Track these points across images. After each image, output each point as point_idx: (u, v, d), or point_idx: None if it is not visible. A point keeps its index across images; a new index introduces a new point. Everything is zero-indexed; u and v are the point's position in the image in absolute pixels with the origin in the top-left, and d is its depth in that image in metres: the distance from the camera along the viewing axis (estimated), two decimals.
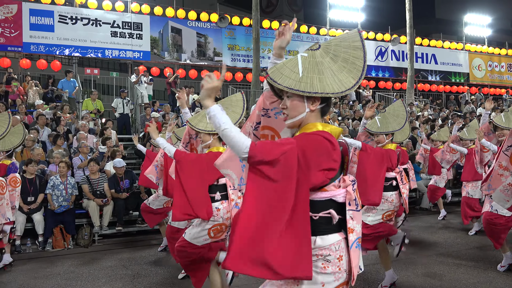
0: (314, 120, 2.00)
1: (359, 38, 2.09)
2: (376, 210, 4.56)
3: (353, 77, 1.98)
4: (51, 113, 10.89)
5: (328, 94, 1.91)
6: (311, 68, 1.97)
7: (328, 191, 1.93)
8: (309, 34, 19.30)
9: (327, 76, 1.95)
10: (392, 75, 20.82)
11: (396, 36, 20.49)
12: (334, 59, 2.02)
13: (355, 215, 1.97)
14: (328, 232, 1.94)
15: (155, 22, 16.19)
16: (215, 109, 1.92)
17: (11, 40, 13.86)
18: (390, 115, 4.86)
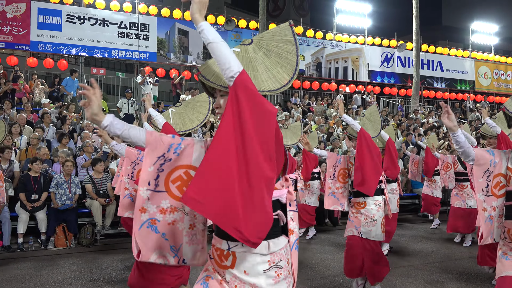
0: None
1: (291, 31, 1.99)
2: (375, 221, 4.31)
3: (287, 73, 1.89)
4: (57, 112, 10.95)
5: (264, 92, 1.80)
6: (244, 64, 1.85)
7: (277, 190, 1.82)
8: (315, 38, 19.32)
9: (261, 72, 1.85)
10: (398, 82, 20.78)
11: (403, 42, 20.47)
12: (267, 54, 1.93)
13: (295, 216, 1.88)
14: (277, 235, 1.81)
15: (162, 23, 16.26)
16: (205, 24, 1.81)
17: (18, 38, 13.96)
18: (368, 120, 4.74)
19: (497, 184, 2.84)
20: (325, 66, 19.45)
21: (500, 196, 2.83)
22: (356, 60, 19.96)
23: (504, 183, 2.80)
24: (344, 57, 19.82)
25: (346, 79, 19.74)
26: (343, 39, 19.81)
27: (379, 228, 4.32)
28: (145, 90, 13.19)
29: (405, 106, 18.89)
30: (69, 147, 8.71)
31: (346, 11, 20.36)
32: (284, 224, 1.84)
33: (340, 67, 19.74)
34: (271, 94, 1.85)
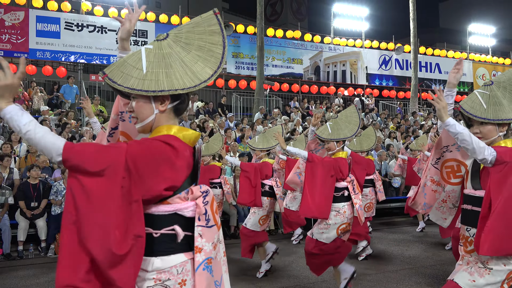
0: (166, 122, 1.75)
1: (216, 20, 1.83)
2: (329, 225, 4.26)
3: (210, 67, 1.74)
4: (56, 119, 10.95)
5: (177, 91, 1.66)
6: (157, 61, 1.71)
7: (171, 204, 1.67)
8: (313, 42, 19.37)
9: (176, 69, 1.70)
10: (396, 84, 20.83)
11: (400, 45, 20.54)
12: (186, 48, 1.77)
13: (205, 232, 1.69)
14: (171, 251, 1.66)
15: (160, 29, 16.29)
16: (11, 110, 1.55)
17: (17, 46, 13.99)
18: (342, 121, 4.61)
19: (451, 168, 2.79)
20: (324, 69, 19.50)
21: (452, 184, 2.81)
22: (354, 63, 20.01)
23: (462, 174, 2.74)
24: (342, 61, 19.87)
25: (345, 82, 19.78)
26: (341, 43, 19.87)
27: (333, 232, 4.27)
28: None
29: (404, 109, 18.92)
30: None
31: (343, 14, 20.45)
32: (190, 240, 1.69)
33: (338, 71, 19.79)
34: (187, 91, 1.70)
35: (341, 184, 4.35)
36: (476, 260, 2.49)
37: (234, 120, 13.15)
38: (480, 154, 2.38)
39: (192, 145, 1.77)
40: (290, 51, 18.84)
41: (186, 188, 1.71)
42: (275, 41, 18.45)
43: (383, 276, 5.50)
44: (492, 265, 2.41)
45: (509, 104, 2.60)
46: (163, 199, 1.66)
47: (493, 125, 2.56)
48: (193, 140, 1.77)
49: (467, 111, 2.62)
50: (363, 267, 5.89)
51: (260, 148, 5.81)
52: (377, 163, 10.47)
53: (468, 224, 2.57)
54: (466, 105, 2.65)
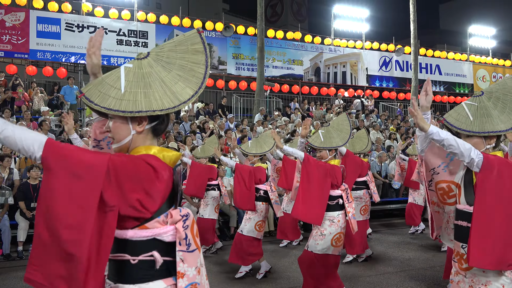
0: (143, 143, 1.70)
1: (200, 39, 1.79)
2: (324, 235, 4.16)
3: (191, 87, 1.71)
4: (56, 120, 10.96)
5: (155, 112, 1.61)
6: (136, 81, 1.66)
7: (150, 229, 1.61)
8: (313, 43, 19.39)
9: (155, 89, 1.66)
10: (396, 85, 20.84)
11: (401, 46, 20.55)
12: (167, 68, 1.73)
13: (186, 257, 1.65)
14: (150, 278, 1.61)
15: (160, 30, 16.32)
16: None
17: (18, 47, 14.00)
18: (334, 129, 4.56)
19: (442, 190, 2.67)
20: (324, 71, 19.51)
21: (448, 204, 2.68)
22: (354, 64, 20.02)
23: (455, 193, 2.61)
24: (342, 62, 19.88)
25: (345, 84, 19.79)
26: (341, 44, 19.88)
27: (328, 243, 4.16)
28: None
29: (404, 110, 18.92)
30: None
31: (344, 16, 20.47)
32: (171, 266, 1.65)
33: (338, 72, 19.80)
34: (165, 113, 1.66)
35: (335, 192, 4.28)
36: (472, 278, 2.42)
37: (234, 121, 13.16)
38: (467, 156, 2.33)
39: (172, 165, 1.71)
40: (291, 52, 18.85)
41: (165, 211, 1.66)
42: (275, 42, 18.46)
43: (383, 277, 5.50)
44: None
45: (500, 114, 2.52)
46: (141, 223, 1.60)
47: (479, 138, 2.49)
48: (173, 161, 1.71)
49: (452, 124, 2.55)
50: (362, 269, 5.90)
51: (253, 153, 5.76)
52: (377, 164, 10.47)
53: (464, 241, 2.45)
54: (451, 118, 2.59)
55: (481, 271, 2.40)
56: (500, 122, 2.49)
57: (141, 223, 1.60)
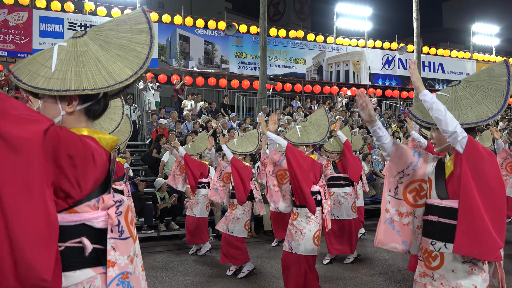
0: (76, 125, 1.59)
1: (145, 19, 1.72)
2: (304, 234, 4.01)
3: (131, 68, 1.63)
4: None
5: (85, 91, 1.53)
6: (67, 60, 1.59)
7: (79, 213, 1.50)
8: (316, 42, 19.36)
9: (88, 68, 1.59)
10: (399, 84, 20.79)
11: (403, 45, 20.50)
12: (104, 47, 1.65)
13: (118, 245, 1.55)
14: (77, 266, 1.51)
15: (163, 29, 16.33)
16: None
17: (21, 46, 14.04)
18: (312, 124, 4.46)
19: (415, 191, 2.49)
20: (326, 69, 19.48)
21: (420, 206, 2.49)
22: (357, 63, 19.98)
23: (426, 192, 2.46)
24: (345, 60, 19.84)
25: (348, 82, 19.76)
26: (344, 43, 19.85)
27: (309, 242, 4.03)
28: (147, 96, 13.23)
29: (407, 108, 18.87)
30: None
31: (346, 14, 20.43)
32: (101, 254, 1.55)
33: (341, 70, 19.76)
34: (98, 92, 1.57)
35: (314, 188, 4.14)
36: (441, 280, 2.28)
37: (237, 120, 13.15)
38: (452, 126, 2.20)
39: (109, 150, 1.63)
40: (293, 51, 18.83)
41: (97, 196, 1.55)
42: (278, 41, 18.45)
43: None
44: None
45: (479, 104, 2.38)
46: (70, 207, 1.49)
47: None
48: (110, 145, 1.62)
49: (416, 116, 2.45)
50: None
51: (239, 152, 5.73)
52: (380, 163, 10.45)
53: (434, 237, 2.34)
54: (417, 111, 2.48)
55: (450, 271, 2.26)
56: (472, 114, 2.36)
57: (69, 206, 1.49)
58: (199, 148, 6.87)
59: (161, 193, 8.10)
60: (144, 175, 10.16)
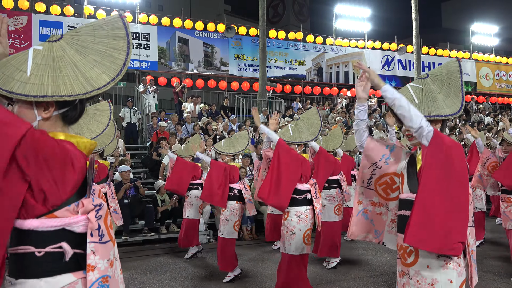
0: (52, 129, 1.58)
1: (122, 24, 1.70)
2: (294, 234, 4.03)
3: (108, 74, 1.62)
4: None
5: (62, 97, 1.53)
6: (44, 64, 1.57)
7: (59, 218, 1.50)
8: (315, 43, 19.38)
9: (66, 74, 1.57)
10: (399, 84, 20.76)
11: (403, 45, 20.52)
12: (81, 52, 1.64)
13: (98, 249, 1.55)
14: (58, 272, 1.51)
15: (162, 32, 16.36)
16: None
17: (21, 51, 14.02)
18: (304, 123, 4.45)
19: (385, 183, 2.49)
20: (326, 70, 19.50)
21: (393, 199, 2.49)
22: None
23: (399, 185, 2.43)
24: (344, 62, 19.86)
25: (347, 83, 19.77)
26: (343, 44, 19.87)
27: (300, 241, 4.05)
28: (147, 99, 13.25)
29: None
30: None
31: (345, 15, 20.46)
32: (81, 258, 1.55)
33: (341, 72, 19.78)
34: (75, 98, 1.57)
35: (304, 186, 4.15)
36: (416, 277, 2.24)
37: (237, 122, 13.16)
38: (417, 122, 2.16)
39: (87, 153, 1.63)
40: (293, 53, 18.86)
41: (76, 200, 1.56)
42: (277, 42, 18.47)
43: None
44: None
45: (445, 98, 2.40)
46: (50, 211, 1.49)
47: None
48: (88, 149, 1.63)
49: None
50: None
51: (226, 152, 5.74)
52: None
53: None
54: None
55: (425, 267, 2.21)
56: (446, 107, 2.37)
57: (49, 211, 1.49)
58: (191, 150, 6.87)
59: (161, 195, 8.10)
60: (145, 177, 10.17)
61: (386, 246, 2.55)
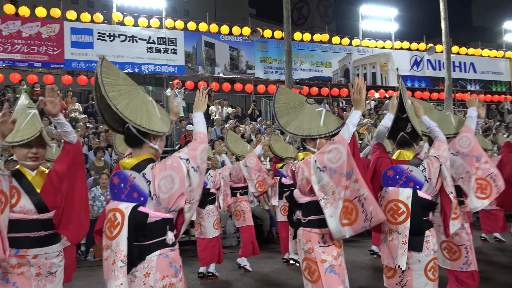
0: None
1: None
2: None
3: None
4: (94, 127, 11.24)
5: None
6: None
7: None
8: (341, 45, 19.20)
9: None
10: (429, 85, 20.33)
11: (432, 45, 20.05)
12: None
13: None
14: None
15: (189, 37, 16.55)
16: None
17: (54, 57, 14.50)
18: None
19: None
20: (353, 72, 19.26)
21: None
22: (384, 65, 19.68)
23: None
24: (372, 63, 19.58)
25: (375, 85, 19.47)
26: (370, 45, 19.60)
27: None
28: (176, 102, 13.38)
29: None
30: (104, 160, 8.92)
31: (371, 16, 20.18)
32: None
33: (368, 73, 19.51)
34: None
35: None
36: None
37: (264, 125, 13.15)
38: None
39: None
40: (319, 55, 18.73)
41: None
42: (302, 44, 18.39)
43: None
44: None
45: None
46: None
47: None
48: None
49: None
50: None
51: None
52: None
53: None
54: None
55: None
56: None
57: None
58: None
59: None
60: None
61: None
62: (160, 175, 2.17)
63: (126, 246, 2.10)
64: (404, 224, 2.81)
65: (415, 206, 2.80)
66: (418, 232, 2.81)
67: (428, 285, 2.82)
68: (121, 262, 2.10)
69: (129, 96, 2.33)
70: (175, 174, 2.19)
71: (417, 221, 2.81)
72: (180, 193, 2.21)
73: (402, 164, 2.93)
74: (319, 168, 2.69)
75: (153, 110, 2.38)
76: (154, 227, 2.18)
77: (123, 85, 2.36)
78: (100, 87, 2.24)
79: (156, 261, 2.16)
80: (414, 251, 2.80)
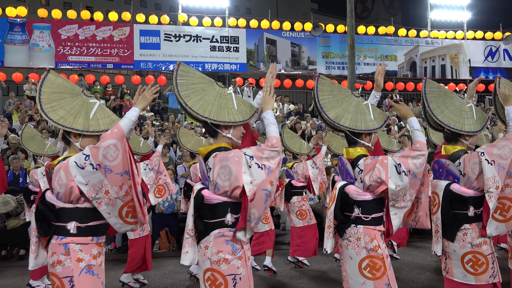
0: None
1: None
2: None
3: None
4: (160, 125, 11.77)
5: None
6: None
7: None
8: (408, 37, 18.41)
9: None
10: (506, 77, 18.83)
11: (509, 33, 18.58)
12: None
13: None
14: None
15: (250, 34, 16.75)
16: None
17: (124, 59, 15.38)
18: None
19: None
20: (420, 65, 18.39)
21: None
22: (455, 56, 18.57)
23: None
24: (441, 55, 18.56)
25: (445, 78, 18.44)
26: (439, 35, 18.57)
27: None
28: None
29: None
30: (169, 156, 9.31)
31: (441, 5, 19.10)
32: None
33: (437, 65, 18.52)
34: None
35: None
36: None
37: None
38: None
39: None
40: (383, 48, 18.11)
41: None
42: (366, 38, 17.87)
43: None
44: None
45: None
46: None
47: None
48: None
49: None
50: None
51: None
52: None
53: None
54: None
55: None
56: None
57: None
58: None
59: None
60: None
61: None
62: (219, 165, 2.41)
63: (192, 222, 2.52)
64: (436, 215, 2.99)
65: (446, 198, 2.92)
66: (450, 223, 2.92)
67: (468, 277, 2.86)
68: (187, 234, 2.55)
69: (202, 92, 2.63)
70: (232, 166, 2.37)
71: (447, 212, 2.92)
72: (236, 185, 2.37)
73: (442, 159, 3.06)
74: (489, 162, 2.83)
75: (228, 103, 2.63)
76: (216, 209, 2.45)
77: (197, 83, 2.66)
78: (174, 88, 2.58)
79: (213, 237, 2.44)
80: (448, 240, 2.95)
